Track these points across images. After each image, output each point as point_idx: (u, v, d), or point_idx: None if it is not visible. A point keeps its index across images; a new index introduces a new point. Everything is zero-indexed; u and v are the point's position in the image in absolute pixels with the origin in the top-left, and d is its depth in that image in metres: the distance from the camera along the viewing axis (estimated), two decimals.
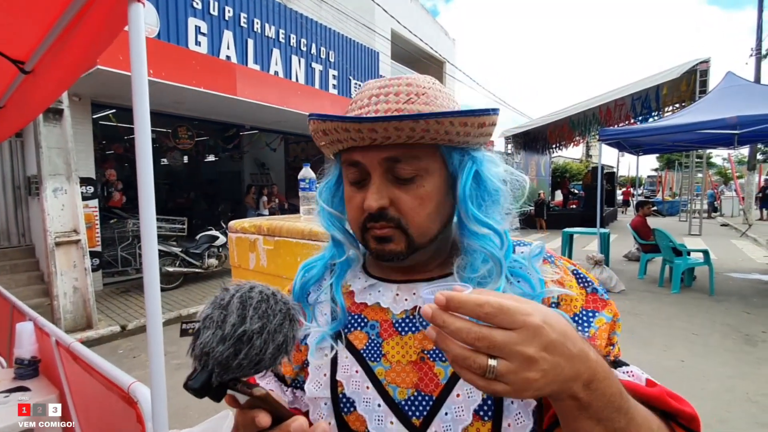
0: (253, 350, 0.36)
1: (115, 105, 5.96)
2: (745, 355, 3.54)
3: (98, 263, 5.33)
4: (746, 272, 6.78)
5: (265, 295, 0.39)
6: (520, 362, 0.34)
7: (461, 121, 0.50)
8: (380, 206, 0.52)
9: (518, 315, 0.34)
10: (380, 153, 0.52)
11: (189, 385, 0.36)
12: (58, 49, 1.31)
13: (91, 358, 1.29)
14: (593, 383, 0.37)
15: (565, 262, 0.58)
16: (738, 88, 6.08)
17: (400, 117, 0.48)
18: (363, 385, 0.55)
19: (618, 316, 0.54)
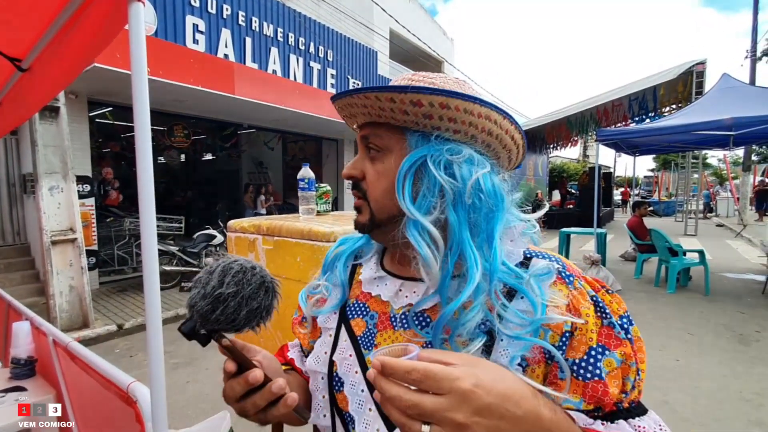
0: (228, 309, 0.44)
1: (112, 103, 5.93)
2: (739, 355, 3.57)
3: (94, 262, 5.30)
4: (741, 272, 6.83)
5: (244, 268, 0.46)
6: (451, 428, 0.35)
7: (387, 97, 0.51)
8: (348, 174, 0.59)
9: (445, 381, 0.35)
10: (361, 131, 0.60)
11: (180, 329, 0.45)
12: (56, 47, 1.30)
13: (89, 358, 1.28)
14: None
15: (587, 285, 0.52)
16: (733, 89, 6.12)
17: (347, 92, 0.54)
18: (352, 369, 0.58)
19: (630, 360, 0.48)
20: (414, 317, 0.56)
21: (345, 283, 0.65)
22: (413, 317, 0.56)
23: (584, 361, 0.47)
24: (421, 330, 0.55)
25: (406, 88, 0.50)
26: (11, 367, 1.65)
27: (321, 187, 1.62)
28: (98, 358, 1.27)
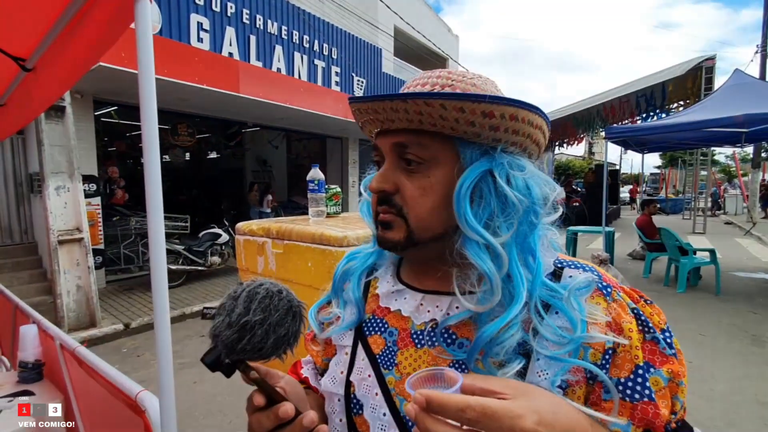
0: (255, 338, 0.41)
1: (117, 102, 5.93)
2: (753, 357, 3.51)
3: (101, 261, 5.31)
4: (752, 271, 6.74)
5: (271, 292, 0.43)
6: None
7: (456, 106, 0.45)
8: (380, 188, 0.52)
9: (506, 419, 0.32)
10: (391, 138, 0.52)
11: (204, 360, 0.42)
12: (61, 46, 1.27)
13: (96, 363, 1.26)
14: None
15: (626, 296, 0.48)
16: (745, 85, 6.01)
17: (391, 96, 0.47)
18: (372, 391, 0.54)
19: (679, 378, 0.45)
20: (441, 333, 0.52)
21: (360, 301, 0.60)
22: (441, 333, 0.52)
23: (631, 381, 0.44)
24: (447, 347, 0.51)
25: (482, 97, 0.45)
26: (19, 370, 1.64)
27: (330, 189, 1.59)
28: (105, 365, 1.25)
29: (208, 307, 0.92)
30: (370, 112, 0.51)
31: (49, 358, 1.56)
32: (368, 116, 0.53)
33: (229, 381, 0.45)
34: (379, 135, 0.55)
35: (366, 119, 0.54)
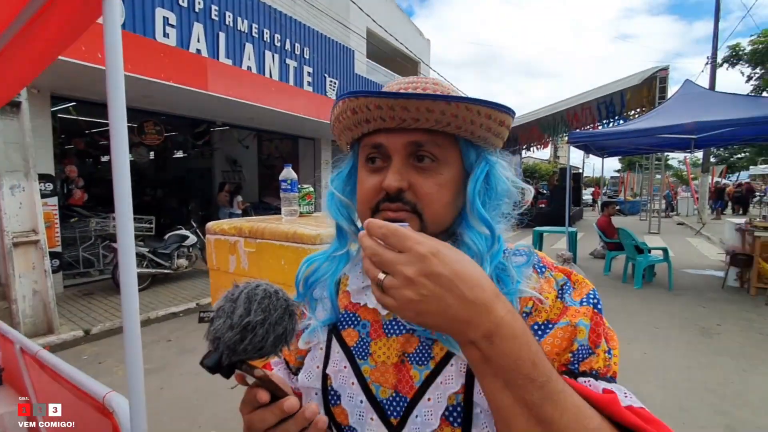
0: (256, 338, 0.42)
1: (75, 98, 5.64)
2: (702, 347, 3.78)
3: (58, 264, 5.04)
4: (701, 268, 7.22)
5: (269, 293, 0.44)
6: (401, 280, 0.39)
7: (487, 113, 0.51)
8: (400, 187, 0.52)
9: (408, 240, 0.40)
10: (405, 136, 0.52)
11: (204, 363, 0.43)
12: (22, 40, 1.23)
13: (59, 367, 1.22)
14: (494, 338, 0.38)
15: (558, 274, 0.55)
16: (695, 95, 6.45)
17: (435, 96, 0.49)
18: (349, 381, 0.57)
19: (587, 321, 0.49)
20: (404, 322, 0.56)
21: (335, 303, 0.62)
22: (405, 322, 0.56)
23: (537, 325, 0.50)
24: (414, 333, 0.55)
25: (504, 107, 0.52)
26: None
27: (303, 188, 1.60)
28: (70, 368, 1.22)
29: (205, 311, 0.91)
30: (396, 109, 0.50)
31: (9, 363, 1.49)
32: (386, 113, 0.51)
33: (196, 386, 0.46)
34: (383, 132, 0.54)
35: (376, 115, 0.52)
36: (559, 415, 0.38)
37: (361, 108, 0.52)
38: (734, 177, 26.46)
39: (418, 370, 0.53)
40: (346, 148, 0.65)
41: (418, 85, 0.55)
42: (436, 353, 0.53)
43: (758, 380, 3.13)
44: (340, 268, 0.64)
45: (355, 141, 0.60)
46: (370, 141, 0.55)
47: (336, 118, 0.58)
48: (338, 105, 0.56)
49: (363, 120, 0.54)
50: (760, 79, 7.97)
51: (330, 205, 0.63)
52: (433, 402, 0.51)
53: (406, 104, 0.49)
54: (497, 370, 0.39)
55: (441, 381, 0.52)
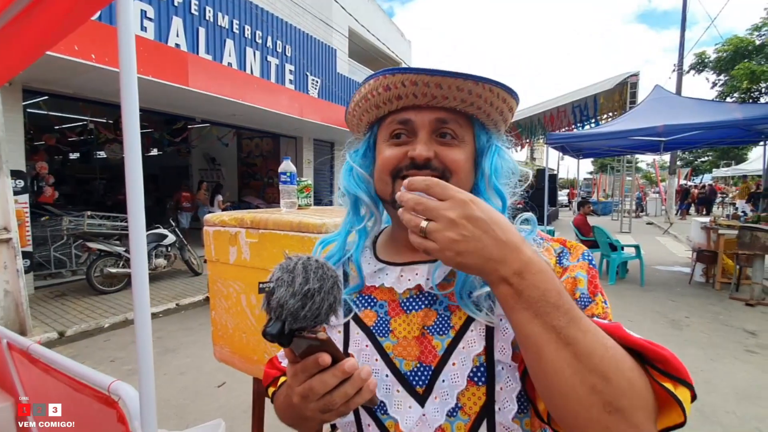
0: (315, 305, 0.44)
1: (47, 91, 5.41)
2: (673, 338, 3.97)
3: (29, 265, 4.82)
4: (669, 265, 7.57)
5: (320, 263, 0.47)
6: (444, 223, 0.43)
7: (503, 96, 0.58)
8: (428, 156, 0.57)
9: (449, 190, 0.44)
10: (432, 113, 0.58)
11: (267, 332, 0.44)
12: (13, 32, 1.19)
13: (56, 360, 1.19)
14: (525, 273, 0.43)
15: (554, 243, 0.61)
16: (664, 99, 6.77)
17: (466, 75, 0.54)
18: (372, 358, 0.60)
19: (584, 272, 0.55)
20: (421, 298, 0.60)
21: (362, 271, 0.66)
22: (422, 296, 0.60)
23: None
24: (431, 306, 0.59)
25: (514, 93, 0.59)
26: None
27: (302, 181, 1.61)
28: (68, 360, 1.19)
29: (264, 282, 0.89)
30: (431, 85, 0.55)
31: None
32: (420, 89, 0.56)
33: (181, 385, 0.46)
34: (411, 110, 0.59)
35: (409, 92, 0.57)
36: (582, 336, 0.42)
37: (396, 84, 0.57)
38: (698, 179, 27.83)
39: (439, 339, 0.57)
40: (363, 130, 0.68)
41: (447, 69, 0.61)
42: (455, 322, 0.57)
43: (725, 368, 3.32)
44: (362, 241, 0.67)
45: (374, 122, 0.64)
46: (397, 117, 0.60)
47: (363, 96, 0.62)
48: (368, 83, 0.60)
49: (395, 96, 0.58)
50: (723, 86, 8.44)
51: (348, 179, 0.67)
52: (458, 366, 0.55)
53: (441, 81, 0.55)
54: (528, 302, 0.42)
55: (463, 346, 0.55)
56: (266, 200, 10.35)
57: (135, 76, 0.92)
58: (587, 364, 0.41)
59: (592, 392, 0.40)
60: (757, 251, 5.03)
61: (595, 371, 0.40)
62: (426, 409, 0.56)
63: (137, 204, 0.91)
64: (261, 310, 0.46)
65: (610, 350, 0.42)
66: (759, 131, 6.35)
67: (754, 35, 7.88)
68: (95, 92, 5.61)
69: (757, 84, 7.15)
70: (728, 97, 8.33)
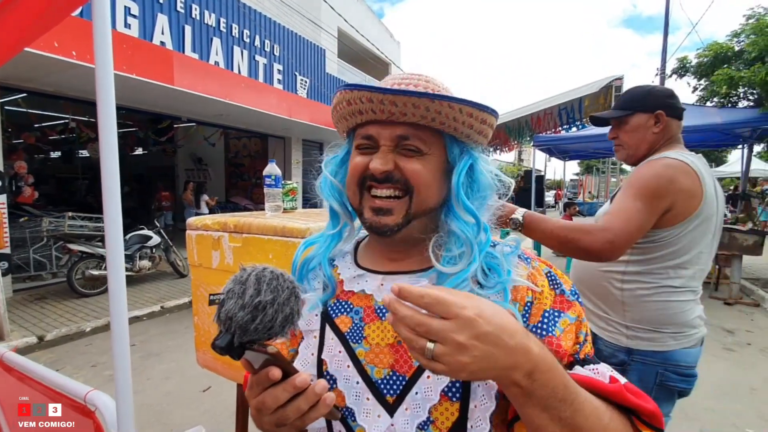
0: (266, 317, 0.43)
1: (26, 89, 5.27)
2: None
3: (7, 267, 4.69)
4: None
5: (276, 274, 0.46)
6: (453, 347, 0.40)
7: (468, 111, 0.56)
8: (385, 170, 0.57)
9: (453, 307, 0.40)
10: (393, 129, 0.57)
11: (216, 344, 0.43)
12: None
13: (31, 368, 1.16)
14: (535, 374, 0.43)
15: (541, 264, 0.62)
16: None
17: (421, 93, 0.54)
18: (344, 364, 0.59)
19: (582, 316, 0.58)
20: None
21: (332, 278, 0.65)
22: None
23: (540, 323, 0.56)
24: None
25: (485, 107, 0.56)
26: None
27: (287, 184, 1.60)
28: (43, 368, 1.16)
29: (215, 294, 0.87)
30: (386, 103, 0.55)
31: None
32: (376, 106, 0.56)
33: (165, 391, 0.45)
34: (373, 124, 0.59)
35: (368, 108, 0.57)
36: (584, 420, 0.45)
37: (355, 100, 0.57)
38: None
39: None
40: (343, 135, 0.68)
41: (411, 81, 0.59)
42: None
43: (704, 366, 3.37)
44: (332, 246, 0.67)
45: (350, 130, 0.65)
46: (362, 131, 0.60)
47: (334, 107, 0.63)
48: (336, 96, 0.61)
49: (356, 111, 0.59)
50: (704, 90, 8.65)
51: (324, 187, 0.67)
52: (432, 379, 0.54)
53: (394, 99, 0.54)
54: (537, 400, 0.44)
55: None
56: (254, 201, 10.25)
57: (111, 69, 0.91)
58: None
59: None
60: (734, 252, 5.17)
61: None
62: (395, 420, 0.55)
63: (114, 204, 0.89)
64: (213, 321, 0.44)
65: (609, 429, 0.47)
66: (738, 134, 6.53)
67: (733, 41, 8.08)
68: (76, 90, 5.48)
69: (736, 89, 7.34)
70: (708, 101, 8.53)
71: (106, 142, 0.88)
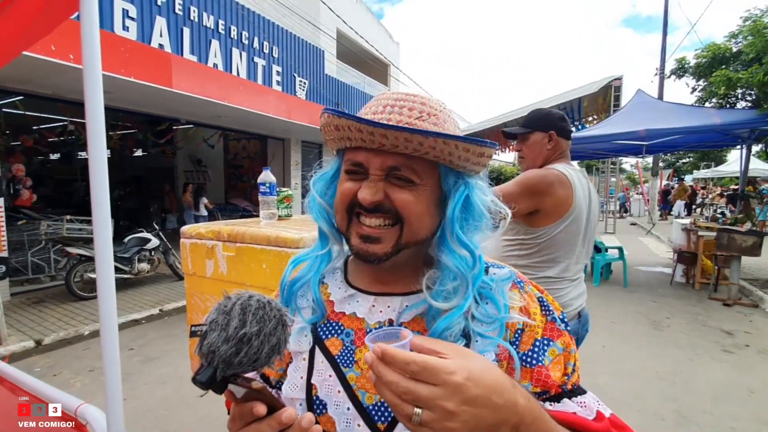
0: (252, 350, 0.41)
1: (23, 91, 5.27)
2: (654, 338, 4.05)
3: (4, 270, 4.68)
4: (652, 266, 7.73)
5: (262, 303, 0.43)
6: (441, 414, 0.39)
7: (465, 147, 0.53)
8: (374, 201, 0.54)
9: (441, 374, 0.39)
10: (384, 159, 0.54)
11: (197, 379, 0.41)
12: None
13: (20, 379, 1.15)
14: (521, 427, 0.43)
15: (534, 289, 0.61)
16: (647, 104, 6.90)
17: (414, 130, 0.51)
18: (335, 389, 0.58)
19: (570, 347, 0.57)
20: None
21: (320, 301, 0.63)
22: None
23: (531, 351, 0.55)
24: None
25: (484, 142, 0.54)
26: None
27: (282, 192, 1.59)
28: (33, 379, 1.15)
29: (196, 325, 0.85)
30: (376, 135, 0.52)
31: None
32: (366, 136, 0.53)
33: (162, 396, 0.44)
34: (364, 151, 0.55)
35: (357, 137, 0.54)
36: None
37: (343, 127, 0.54)
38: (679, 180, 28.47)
39: None
40: (334, 152, 0.66)
41: (405, 104, 0.55)
42: None
43: (703, 369, 3.40)
44: (322, 267, 0.65)
45: (341, 149, 0.62)
46: (352, 157, 0.57)
47: (322, 127, 0.60)
48: (323, 116, 0.58)
49: (345, 137, 0.56)
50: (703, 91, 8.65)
51: (312, 207, 0.65)
52: None
53: (386, 133, 0.51)
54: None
55: None
56: (253, 202, 10.25)
57: (99, 70, 0.89)
58: None
59: None
60: (733, 252, 5.17)
61: None
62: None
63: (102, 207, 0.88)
64: (195, 353, 0.42)
65: None
66: (736, 135, 6.52)
67: (731, 42, 8.08)
68: (74, 92, 5.47)
69: (734, 90, 7.33)
70: (707, 102, 8.53)
71: (94, 144, 0.88)
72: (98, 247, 0.90)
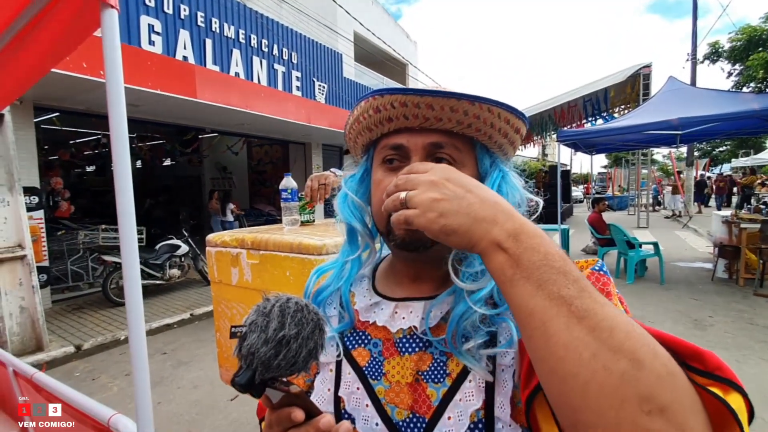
0: (290, 353, 0.41)
1: (59, 108, 5.53)
2: (697, 339, 3.83)
3: (45, 279, 4.92)
4: (690, 261, 7.34)
5: (300, 306, 0.43)
6: (425, 187, 0.41)
7: (506, 117, 0.52)
8: None
9: (429, 164, 0.44)
10: (426, 137, 0.53)
11: (236, 381, 0.41)
12: (11, 54, 1.19)
13: (58, 389, 1.18)
14: (521, 235, 0.37)
15: None
16: (679, 91, 6.58)
17: (460, 95, 0.50)
18: (363, 403, 0.55)
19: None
20: (416, 339, 0.55)
21: (349, 306, 0.61)
22: (417, 338, 0.55)
23: None
24: (426, 349, 0.54)
25: (521, 114, 0.53)
26: None
27: (304, 197, 1.58)
28: (69, 390, 1.18)
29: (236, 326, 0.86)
30: (422, 106, 0.50)
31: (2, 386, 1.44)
32: (410, 110, 0.51)
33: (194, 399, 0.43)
34: (404, 133, 0.54)
35: (399, 113, 0.52)
36: (600, 307, 0.33)
37: (385, 106, 0.52)
38: (716, 169, 27.08)
39: (434, 388, 0.52)
40: (360, 153, 0.63)
41: (437, 88, 0.54)
42: (451, 369, 0.52)
43: (752, 371, 3.19)
44: (353, 273, 0.63)
45: (370, 145, 0.60)
46: (389, 142, 0.55)
47: (356, 119, 0.57)
48: (359, 105, 0.56)
49: (385, 119, 0.54)
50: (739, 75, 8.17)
51: (343, 206, 0.62)
52: (453, 421, 0.50)
53: (432, 102, 0.50)
54: (528, 270, 0.36)
55: (460, 398, 0.50)
56: (277, 207, 10.37)
57: (122, 84, 0.91)
58: (610, 343, 0.32)
59: (621, 381, 0.30)
60: None
61: (621, 351, 0.31)
62: None
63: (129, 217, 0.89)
64: (233, 355, 0.42)
65: (637, 327, 0.33)
66: None
67: (767, 24, 7.60)
68: (105, 107, 5.70)
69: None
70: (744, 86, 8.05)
71: (119, 154, 0.88)
72: (125, 259, 0.90)
